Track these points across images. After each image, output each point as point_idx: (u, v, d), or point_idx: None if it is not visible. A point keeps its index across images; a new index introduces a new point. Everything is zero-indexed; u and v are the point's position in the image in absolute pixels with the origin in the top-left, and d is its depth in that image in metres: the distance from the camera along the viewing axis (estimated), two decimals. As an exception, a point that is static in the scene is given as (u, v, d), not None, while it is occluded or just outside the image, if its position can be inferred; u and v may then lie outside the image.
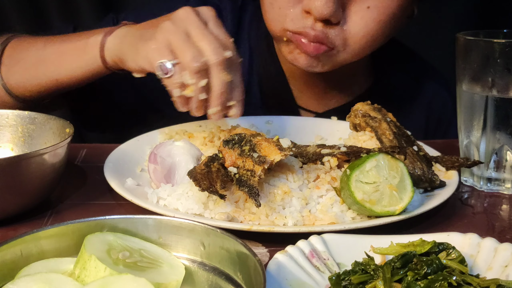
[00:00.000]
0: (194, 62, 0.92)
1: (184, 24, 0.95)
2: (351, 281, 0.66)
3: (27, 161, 0.83)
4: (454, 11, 1.96)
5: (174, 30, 0.95)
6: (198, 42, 0.94)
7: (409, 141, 0.99)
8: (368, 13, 1.11)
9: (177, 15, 0.97)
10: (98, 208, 0.91)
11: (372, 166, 0.81)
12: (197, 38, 0.94)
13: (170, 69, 0.93)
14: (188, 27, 0.95)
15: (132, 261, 0.65)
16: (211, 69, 0.93)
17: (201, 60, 0.92)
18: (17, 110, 1.01)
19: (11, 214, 0.85)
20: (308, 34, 1.10)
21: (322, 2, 1.05)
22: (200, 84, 0.93)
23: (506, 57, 0.93)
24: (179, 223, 0.69)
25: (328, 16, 1.06)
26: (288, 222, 0.82)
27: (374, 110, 1.04)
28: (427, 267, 0.65)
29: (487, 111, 0.96)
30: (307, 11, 1.09)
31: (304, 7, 1.09)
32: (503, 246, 0.72)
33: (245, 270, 0.63)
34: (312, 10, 1.07)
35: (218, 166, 0.83)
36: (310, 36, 1.10)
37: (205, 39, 0.94)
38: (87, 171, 1.04)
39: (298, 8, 1.11)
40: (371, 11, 1.11)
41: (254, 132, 0.90)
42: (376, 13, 1.11)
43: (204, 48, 0.93)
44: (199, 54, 0.93)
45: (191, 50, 0.93)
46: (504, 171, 0.98)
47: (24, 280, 0.61)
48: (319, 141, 1.16)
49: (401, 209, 0.82)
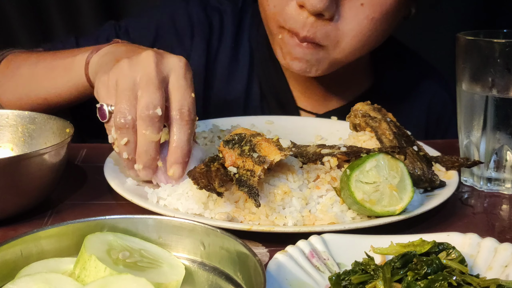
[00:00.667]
0: (120, 117, 0.87)
1: (138, 68, 0.89)
2: (351, 281, 0.66)
3: (27, 161, 0.83)
4: (454, 11, 1.97)
5: (124, 73, 0.89)
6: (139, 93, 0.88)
7: (409, 141, 0.99)
8: (361, 10, 1.10)
9: (138, 56, 0.91)
10: (98, 208, 0.91)
11: (372, 166, 0.81)
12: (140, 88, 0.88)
13: (106, 115, 0.89)
14: (138, 74, 0.89)
15: (132, 261, 0.65)
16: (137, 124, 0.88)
17: (127, 118, 0.87)
18: (17, 110, 1.01)
19: (11, 214, 0.85)
20: (299, 33, 1.10)
21: None
22: (122, 142, 0.88)
23: (506, 57, 0.93)
24: (179, 223, 0.69)
25: (322, 9, 1.06)
26: (288, 222, 0.82)
27: (374, 110, 1.04)
28: (427, 267, 0.65)
29: (487, 111, 0.96)
30: (301, 5, 1.09)
31: (298, 1, 1.09)
32: (503, 246, 0.72)
33: (245, 270, 0.63)
34: (306, 4, 1.07)
35: (218, 165, 0.83)
36: (299, 36, 1.11)
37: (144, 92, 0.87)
38: (87, 171, 1.04)
39: (292, 4, 1.11)
40: (364, 8, 1.10)
41: (254, 132, 0.90)
42: (369, 10, 1.11)
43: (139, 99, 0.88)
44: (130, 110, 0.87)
45: (125, 102, 0.87)
46: (504, 171, 0.98)
47: (24, 280, 0.61)
48: (319, 141, 1.16)
49: (401, 209, 0.82)
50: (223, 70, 1.34)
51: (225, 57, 1.34)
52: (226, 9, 1.35)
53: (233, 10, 1.35)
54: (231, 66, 1.34)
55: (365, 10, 1.10)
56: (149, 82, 0.88)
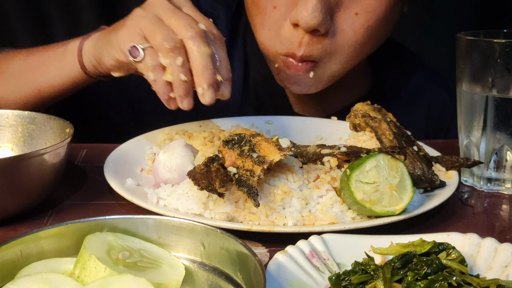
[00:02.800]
0: (166, 41, 0.88)
1: (154, 8, 0.92)
2: (351, 281, 0.66)
3: (27, 161, 0.83)
4: (454, 11, 1.97)
5: (143, 15, 0.92)
6: (169, 22, 0.90)
7: (409, 141, 0.99)
8: (356, 20, 1.09)
9: (147, 2, 0.94)
10: (98, 208, 0.91)
11: (372, 166, 0.81)
12: (167, 19, 0.90)
13: (139, 52, 0.90)
14: (158, 11, 0.91)
15: (132, 261, 0.65)
16: (186, 44, 0.88)
17: (173, 38, 0.88)
18: (17, 110, 1.01)
19: (11, 214, 0.85)
20: (295, 54, 1.09)
21: (308, 12, 1.03)
22: (177, 63, 0.88)
23: (506, 57, 0.93)
24: (179, 223, 0.69)
25: (316, 25, 1.04)
26: (288, 222, 0.82)
27: (374, 110, 1.04)
28: (427, 267, 0.65)
29: (487, 111, 0.96)
30: (295, 24, 1.07)
31: (292, 20, 1.07)
32: (503, 246, 0.72)
33: (245, 270, 0.63)
34: (300, 21, 1.04)
35: (217, 166, 0.83)
36: (296, 57, 1.09)
37: (175, 17, 0.89)
38: (87, 171, 1.04)
39: (286, 25, 1.09)
40: (359, 17, 1.08)
41: (254, 132, 0.90)
42: (364, 18, 1.09)
43: (176, 25, 0.89)
44: (171, 33, 0.88)
45: (161, 30, 0.89)
46: (504, 171, 0.98)
47: (24, 280, 0.61)
48: (319, 141, 1.16)
49: (401, 209, 0.82)
50: None
51: None
52: (219, 14, 1.33)
53: (226, 15, 1.34)
54: None
55: (360, 19, 1.09)
56: (174, 11, 0.90)
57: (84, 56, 1.05)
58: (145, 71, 0.91)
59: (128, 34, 0.92)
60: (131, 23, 0.93)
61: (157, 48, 0.89)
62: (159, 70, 0.90)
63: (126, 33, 0.93)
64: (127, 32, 0.93)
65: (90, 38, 1.05)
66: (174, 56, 0.88)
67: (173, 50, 0.88)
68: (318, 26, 1.04)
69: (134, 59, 0.91)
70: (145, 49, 0.90)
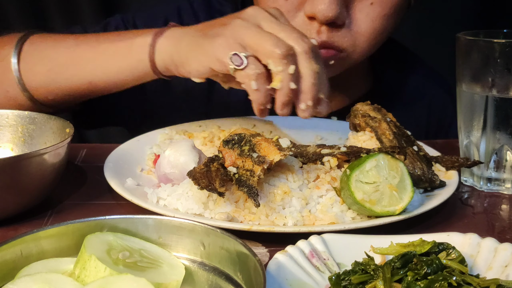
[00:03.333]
0: (277, 48, 0.85)
1: (255, 19, 0.90)
2: (351, 281, 0.66)
3: (27, 161, 0.83)
4: (454, 11, 1.97)
5: (246, 25, 0.89)
6: (277, 34, 0.87)
7: (409, 141, 0.99)
8: (372, 9, 1.10)
9: (246, 13, 0.91)
10: (98, 208, 0.91)
11: (372, 166, 0.81)
12: (274, 30, 0.88)
13: (242, 60, 0.87)
14: (260, 22, 0.89)
15: (132, 261, 0.65)
16: (299, 57, 0.86)
17: (286, 45, 0.86)
18: (17, 110, 1.00)
19: (11, 214, 0.85)
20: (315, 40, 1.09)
21: (325, 5, 1.03)
22: (289, 71, 0.86)
23: (506, 57, 0.93)
24: (179, 223, 0.69)
25: (334, 18, 1.05)
26: (288, 222, 0.82)
27: (374, 110, 1.04)
28: (427, 267, 0.65)
29: (487, 111, 0.96)
30: (311, 17, 1.07)
31: (307, 13, 1.07)
32: (503, 246, 0.72)
33: (245, 270, 0.63)
34: (317, 14, 1.05)
35: (217, 166, 0.83)
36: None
37: (284, 30, 0.87)
38: (87, 171, 1.04)
39: (300, 16, 1.09)
40: (375, 6, 1.10)
41: (254, 132, 0.90)
42: (380, 8, 1.10)
43: (286, 37, 0.87)
44: (280, 41, 0.86)
45: (270, 38, 0.86)
46: (504, 171, 0.98)
47: (24, 280, 0.61)
48: (319, 141, 1.17)
49: (401, 209, 0.82)
50: None
51: None
52: (226, 10, 1.34)
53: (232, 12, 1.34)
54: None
55: (376, 8, 1.10)
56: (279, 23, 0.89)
57: (157, 55, 0.99)
58: (247, 79, 0.88)
59: (228, 44, 0.89)
60: (232, 33, 0.89)
61: (266, 55, 0.86)
62: (262, 79, 0.88)
63: (225, 42, 0.89)
64: (226, 41, 0.89)
65: (164, 36, 0.99)
66: (287, 63, 0.87)
67: (286, 57, 0.86)
68: (335, 19, 1.05)
69: (237, 67, 0.87)
70: (248, 57, 0.87)
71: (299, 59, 0.87)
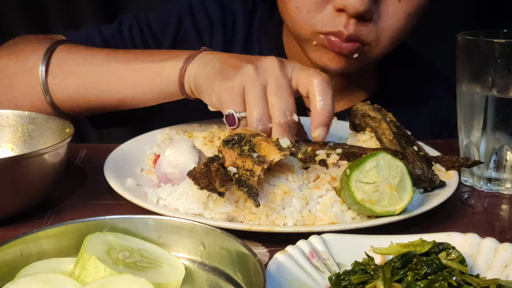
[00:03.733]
0: (259, 124, 0.90)
1: (265, 74, 0.92)
2: (351, 281, 0.66)
3: (27, 161, 0.83)
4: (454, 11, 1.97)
5: (253, 79, 0.91)
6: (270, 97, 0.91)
7: (409, 141, 0.99)
8: (399, 6, 1.12)
9: (262, 63, 0.93)
10: (98, 208, 0.91)
11: (372, 166, 0.81)
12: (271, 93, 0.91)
13: (235, 121, 0.91)
14: (268, 79, 0.92)
15: (132, 261, 0.65)
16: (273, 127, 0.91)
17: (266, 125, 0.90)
18: (17, 110, 1.00)
19: (11, 214, 0.85)
20: (341, 33, 1.10)
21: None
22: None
23: (506, 57, 0.93)
24: (179, 223, 0.69)
25: (363, 11, 1.07)
26: (288, 222, 0.82)
27: (373, 110, 1.04)
28: (427, 267, 0.65)
29: (487, 111, 0.96)
30: (340, 9, 1.09)
31: (337, 5, 1.09)
32: (503, 246, 0.72)
33: (245, 270, 0.63)
34: (347, 7, 1.07)
35: (217, 166, 0.83)
36: (343, 36, 1.10)
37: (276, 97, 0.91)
38: (87, 171, 1.04)
39: (329, 8, 1.11)
40: (402, 4, 1.12)
41: (254, 132, 0.90)
42: (406, 6, 1.12)
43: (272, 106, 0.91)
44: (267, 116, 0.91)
45: (259, 109, 0.90)
46: (504, 171, 0.98)
47: (24, 280, 0.61)
48: (319, 141, 1.17)
49: (401, 209, 0.82)
50: None
51: None
52: (237, 10, 1.35)
53: (244, 11, 1.35)
54: None
55: (402, 6, 1.12)
56: (281, 89, 0.91)
57: (186, 78, 1.01)
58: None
59: (231, 95, 0.92)
60: (238, 82, 0.92)
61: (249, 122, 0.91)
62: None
63: (230, 92, 0.92)
64: (231, 92, 0.92)
65: (194, 62, 1.01)
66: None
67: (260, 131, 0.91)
68: (365, 12, 1.07)
69: (229, 125, 0.93)
70: (241, 119, 0.92)
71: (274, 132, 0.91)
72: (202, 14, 1.33)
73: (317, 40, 1.14)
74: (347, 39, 1.10)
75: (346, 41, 1.11)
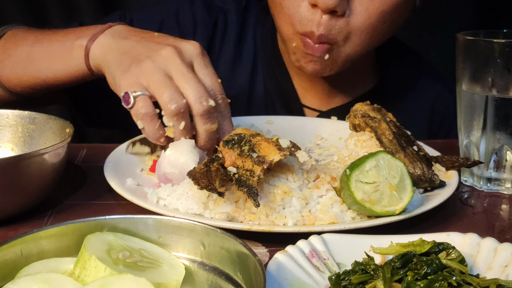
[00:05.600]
0: (172, 104, 0.90)
1: (165, 65, 0.93)
2: (351, 281, 0.66)
3: (27, 161, 0.83)
4: (454, 11, 1.97)
5: (153, 71, 0.93)
6: (181, 87, 0.92)
7: (409, 141, 0.99)
8: (371, 4, 1.12)
9: (159, 55, 0.94)
10: (98, 208, 0.91)
11: (372, 166, 0.81)
12: (179, 82, 0.92)
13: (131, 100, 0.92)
14: (170, 68, 0.93)
15: (132, 261, 0.65)
16: (194, 118, 0.92)
17: (180, 102, 0.91)
18: (17, 110, 1.01)
19: (11, 214, 0.85)
20: (313, 34, 1.11)
21: None
22: (180, 127, 0.92)
23: (506, 57, 0.93)
24: (179, 223, 0.69)
25: (334, 6, 1.08)
26: (288, 222, 0.82)
27: (373, 110, 1.04)
28: (427, 267, 0.65)
29: (487, 111, 0.96)
30: (314, 4, 1.10)
31: (310, 1, 1.10)
32: (503, 246, 0.72)
33: (245, 270, 0.63)
34: (318, 2, 1.08)
35: (217, 166, 0.83)
36: (314, 36, 1.12)
37: (187, 85, 0.92)
38: (87, 171, 1.04)
39: (304, 5, 1.12)
40: (374, 1, 1.12)
41: (254, 132, 0.90)
42: (379, 3, 1.12)
43: (186, 94, 0.91)
44: (178, 96, 0.91)
45: (169, 90, 0.91)
46: (504, 171, 0.98)
47: (24, 280, 0.61)
48: (319, 141, 1.17)
49: (401, 209, 0.82)
50: (226, 67, 1.34)
51: (228, 55, 1.35)
52: (230, 8, 1.36)
53: (237, 9, 1.37)
54: (235, 63, 1.35)
55: (375, 3, 1.12)
56: (187, 77, 0.92)
57: (91, 61, 1.05)
58: (135, 118, 0.94)
59: (130, 83, 0.93)
60: (138, 72, 0.93)
61: (162, 107, 0.92)
62: (148, 120, 0.93)
63: (129, 80, 0.94)
64: (130, 80, 0.94)
65: (97, 43, 1.04)
66: (178, 120, 0.92)
67: (177, 114, 0.92)
68: (335, 7, 1.08)
69: (125, 106, 0.93)
70: (136, 98, 0.92)
71: (195, 120, 0.92)
72: (187, 16, 1.35)
73: (296, 41, 1.16)
74: (318, 40, 1.12)
75: (317, 42, 1.12)
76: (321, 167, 0.92)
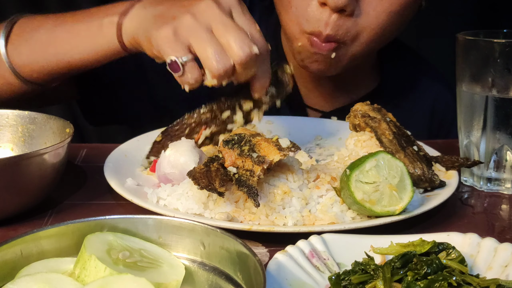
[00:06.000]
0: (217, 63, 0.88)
1: (205, 17, 0.91)
2: (351, 281, 0.66)
3: (27, 161, 0.83)
4: (454, 11, 1.97)
5: (193, 27, 0.90)
6: (222, 36, 0.90)
7: (409, 141, 0.99)
8: (380, 4, 1.12)
9: (198, 8, 0.92)
10: (98, 208, 0.91)
11: (372, 166, 0.81)
12: (220, 32, 0.90)
13: (180, 68, 0.90)
14: (210, 22, 0.91)
15: (132, 261, 0.65)
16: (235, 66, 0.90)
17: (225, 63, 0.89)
18: (17, 110, 1.01)
19: (11, 214, 0.85)
20: (321, 34, 1.11)
21: None
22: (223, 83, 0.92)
23: (506, 57, 0.93)
24: (179, 223, 0.69)
25: (344, 5, 1.07)
26: (288, 222, 0.82)
27: (373, 110, 1.04)
28: (427, 267, 0.65)
29: (487, 111, 0.96)
30: (323, 3, 1.10)
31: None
32: (503, 246, 0.72)
33: (245, 270, 0.63)
34: (328, 0, 1.08)
35: (217, 166, 0.83)
36: (322, 36, 1.11)
37: (228, 34, 0.89)
38: (87, 171, 1.04)
39: (314, 3, 1.12)
40: (383, 1, 1.12)
41: (254, 132, 0.90)
42: (388, 3, 1.12)
43: (227, 45, 0.89)
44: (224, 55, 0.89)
45: (213, 50, 0.89)
46: (504, 171, 0.98)
47: (24, 280, 0.61)
48: (319, 141, 1.17)
49: (401, 209, 0.82)
50: None
51: None
52: None
53: None
54: None
55: (384, 4, 1.12)
56: (228, 26, 0.90)
57: (124, 35, 1.03)
58: (182, 83, 0.92)
59: (171, 43, 0.91)
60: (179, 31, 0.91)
61: (205, 65, 0.90)
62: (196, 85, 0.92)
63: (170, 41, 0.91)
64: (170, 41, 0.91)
65: (129, 17, 1.02)
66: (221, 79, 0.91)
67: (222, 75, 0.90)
68: (345, 6, 1.08)
69: (173, 73, 0.91)
70: (185, 66, 0.90)
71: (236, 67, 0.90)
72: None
73: (302, 41, 1.16)
74: (325, 39, 1.11)
75: (324, 41, 1.12)
76: (321, 167, 0.92)
